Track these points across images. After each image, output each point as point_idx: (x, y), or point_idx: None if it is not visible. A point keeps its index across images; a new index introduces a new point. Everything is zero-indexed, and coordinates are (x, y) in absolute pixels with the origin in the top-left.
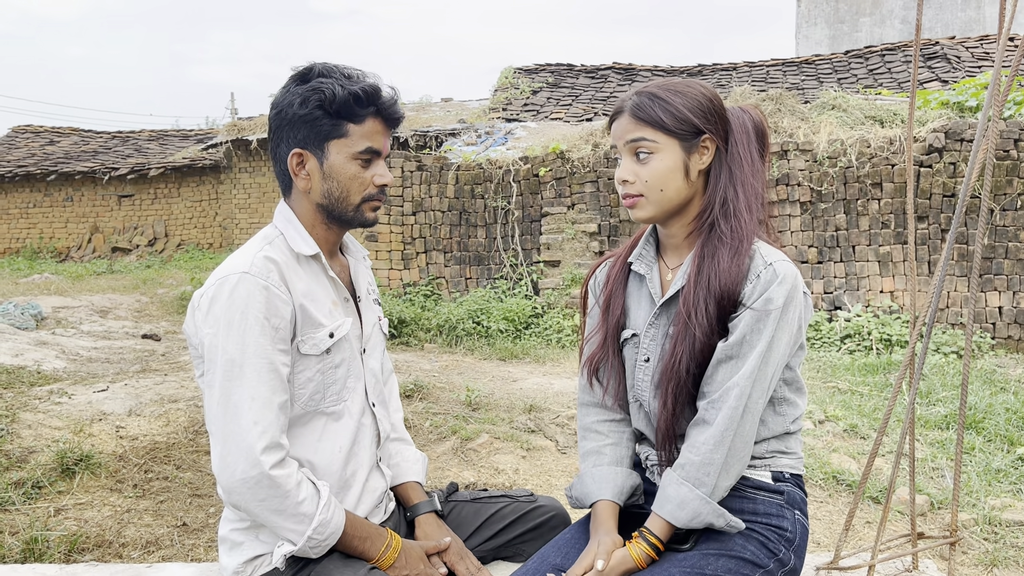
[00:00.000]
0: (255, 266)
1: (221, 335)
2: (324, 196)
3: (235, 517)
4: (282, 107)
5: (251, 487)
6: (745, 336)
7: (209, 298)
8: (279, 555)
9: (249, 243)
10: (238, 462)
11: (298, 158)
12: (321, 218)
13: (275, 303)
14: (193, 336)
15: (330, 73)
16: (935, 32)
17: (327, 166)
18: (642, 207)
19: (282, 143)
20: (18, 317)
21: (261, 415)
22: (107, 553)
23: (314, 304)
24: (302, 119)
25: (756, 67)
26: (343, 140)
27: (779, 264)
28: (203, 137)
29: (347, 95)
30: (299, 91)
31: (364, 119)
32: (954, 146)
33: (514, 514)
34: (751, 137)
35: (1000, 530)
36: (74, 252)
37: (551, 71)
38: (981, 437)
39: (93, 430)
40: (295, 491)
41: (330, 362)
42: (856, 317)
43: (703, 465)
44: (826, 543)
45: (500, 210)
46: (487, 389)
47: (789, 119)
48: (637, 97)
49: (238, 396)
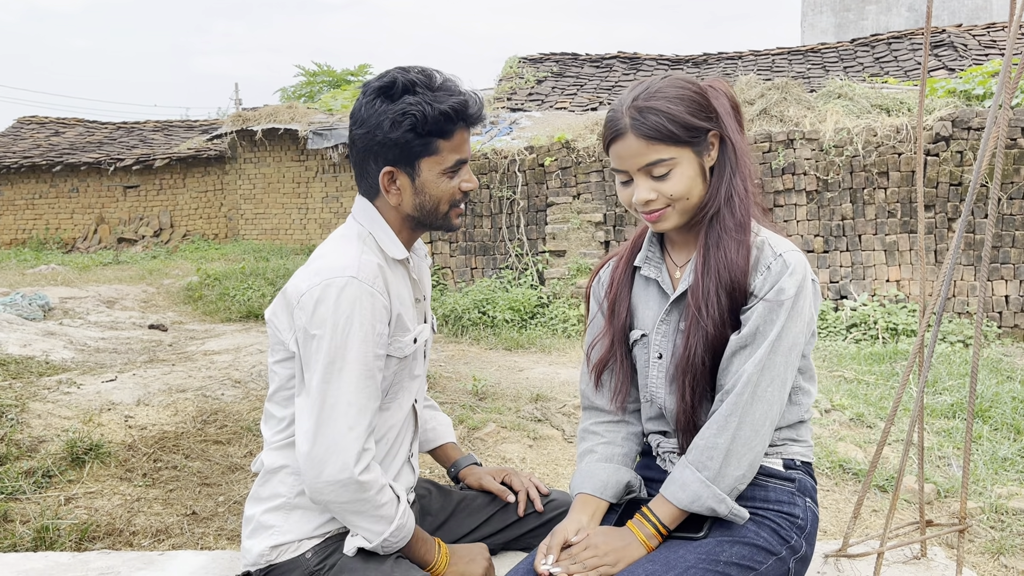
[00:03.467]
0: (363, 271)
1: (326, 337)
2: (416, 209)
3: (268, 495)
4: (371, 128)
5: (338, 489)
6: (758, 327)
7: (315, 299)
8: (351, 545)
9: (343, 240)
10: (330, 465)
11: (389, 176)
12: (408, 225)
13: (380, 310)
14: (284, 331)
15: (414, 88)
16: (942, 20)
17: (419, 183)
18: (668, 218)
19: (370, 160)
20: (26, 308)
21: (357, 421)
22: (118, 541)
23: (405, 309)
24: (394, 142)
25: (762, 56)
26: (434, 157)
27: (788, 254)
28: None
29: (438, 115)
30: (388, 112)
31: (453, 134)
32: (961, 135)
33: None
34: (733, 116)
35: (1007, 518)
36: (80, 243)
37: (556, 60)
38: (988, 426)
39: (102, 420)
40: (378, 496)
41: (406, 364)
42: (862, 306)
43: (706, 449)
44: (832, 531)
45: (505, 200)
46: (493, 379)
47: (795, 108)
48: (637, 114)
49: (335, 399)
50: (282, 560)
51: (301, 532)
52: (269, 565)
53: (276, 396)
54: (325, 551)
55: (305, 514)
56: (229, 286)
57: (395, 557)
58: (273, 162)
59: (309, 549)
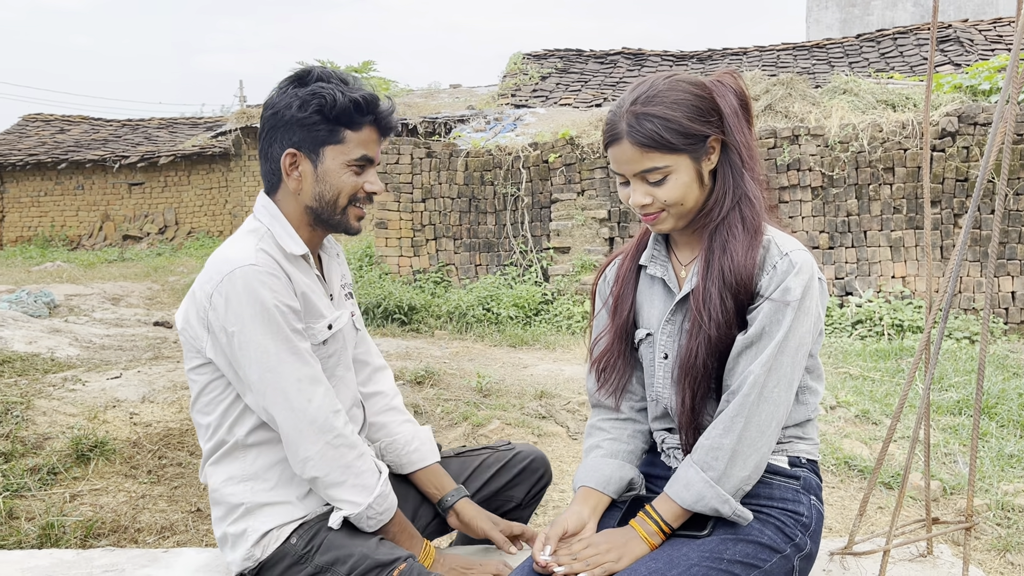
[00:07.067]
0: (259, 259)
1: (246, 330)
2: (314, 199)
3: (221, 514)
4: (279, 108)
5: (323, 453)
6: (764, 327)
7: (224, 296)
8: (336, 519)
9: (238, 237)
10: (306, 439)
11: (291, 159)
12: (307, 220)
13: (284, 288)
14: (198, 338)
15: (328, 78)
16: (948, 15)
17: (321, 170)
18: (664, 221)
19: (275, 143)
20: (31, 305)
21: (312, 390)
22: (123, 538)
23: (314, 295)
24: (299, 122)
25: (767, 51)
26: (339, 146)
27: (795, 254)
28: (212, 125)
29: (348, 102)
30: (298, 94)
31: (362, 127)
32: (967, 130)
33: (497, 463)
34: (740, 115)
35: (1013, 515)
36: (85, 240)
37: (560, 57)
38: (994, 423)
39: (107, 417)
40: (358, 461)
41: (325, 352)
42: (868, 303)
43: (711, 449)
44: (838, 528)
45: (510, 196)
46: (498, 375)
47: (800, 104)
48: (633, 119)
49: (284, 383)
50: (269, 553)
51: (275, 521)
52: (258, 564)
53: (198, 403)
54: (308, 532)
55: (272, 508)
56: None
57: (380, 537)
58: None
59: (292, 533)
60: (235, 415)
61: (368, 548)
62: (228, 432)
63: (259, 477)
